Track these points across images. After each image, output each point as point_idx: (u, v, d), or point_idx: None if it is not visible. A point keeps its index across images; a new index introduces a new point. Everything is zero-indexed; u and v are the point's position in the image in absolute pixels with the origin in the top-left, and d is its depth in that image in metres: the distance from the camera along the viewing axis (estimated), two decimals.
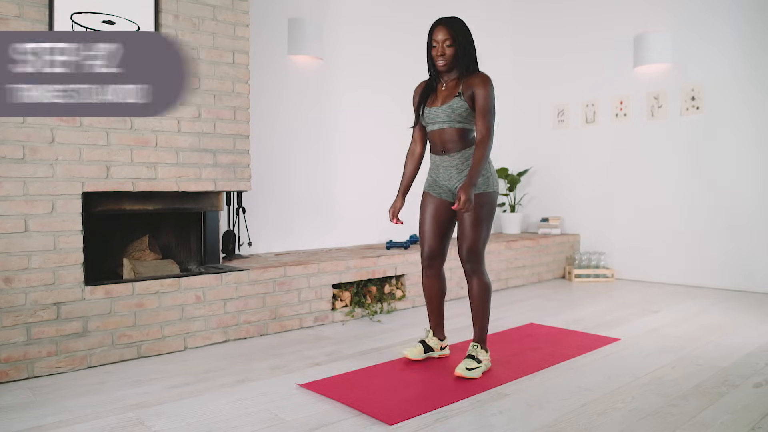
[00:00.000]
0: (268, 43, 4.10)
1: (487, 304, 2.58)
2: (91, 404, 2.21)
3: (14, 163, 2.55)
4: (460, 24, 2.52)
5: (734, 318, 3.57)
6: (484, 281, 2.57)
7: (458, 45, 2.49)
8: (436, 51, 2.51)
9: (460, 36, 2.50)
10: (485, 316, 2.58)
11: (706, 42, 4.62)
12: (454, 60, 2.52)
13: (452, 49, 2.49)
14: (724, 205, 4.56)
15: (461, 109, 2.51)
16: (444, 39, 2.49)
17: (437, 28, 2.51)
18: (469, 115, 2.53)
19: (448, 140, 2.57)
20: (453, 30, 2.49)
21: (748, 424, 1.99)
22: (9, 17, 2.54)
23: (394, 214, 2.76)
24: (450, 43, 2.48)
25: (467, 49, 2.52)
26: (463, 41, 2.50)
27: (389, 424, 2.00)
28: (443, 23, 2.50)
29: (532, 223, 5.87)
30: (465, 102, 2.50)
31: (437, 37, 2.50)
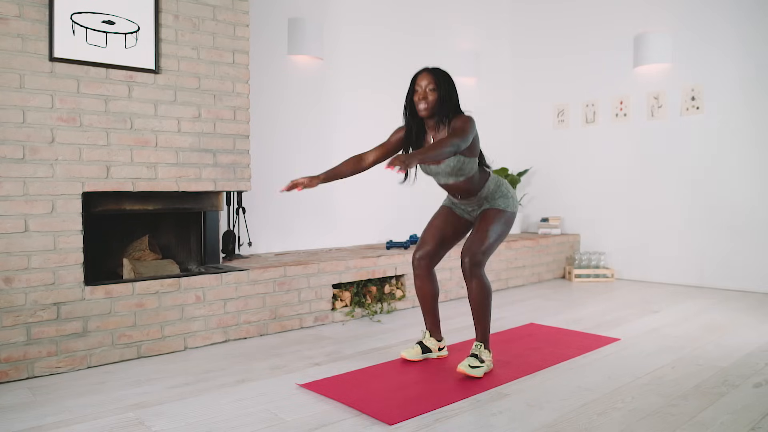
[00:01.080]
0: (268, 43, 4.10)
1: (487, 305, 2.57)
2: (91, 404, 2.21)
3: (14, 163, 2.55)
4: (444, 72, 2.52)
5: (734, 318, 3.57)
6: (483, 282, 2.56)
7: (441, 91, 2.47)
8: (418, 96, 2.48)
9: (443, 82, 2.48)
10: (487, 318, 2.57)
11: (706, 42, 4.62)
12: (437, 105, 2.47)
13: (435, 94, 2.46)
14: (724, 205, 4.56)
15: (459, 164, 2.49)
16: (427, 84, 2.47)
17: (421, 74, 2.50)
18: (468, 164, 2.50)
19: (458, 190, 2.63)
20: (436, 76, 2.48)
21: (748, 424, 1.99)
22: (9, 17, 2.54)
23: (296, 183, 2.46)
24: (433, 87, 2.46)
25: (450, 95, 2.49)
26: (446, 87, 2.48)
27: (389, 424, 2.00)
28: (427, 70, 2.50)
29: (532, 223, 5.87)
30: (459, 156, 2.48)
31: (421, 82, 2.48)
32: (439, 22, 5.28)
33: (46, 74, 2.64)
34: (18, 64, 2.56)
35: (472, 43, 5.54)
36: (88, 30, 2.76)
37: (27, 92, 2.59)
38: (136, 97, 2.91)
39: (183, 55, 3.07)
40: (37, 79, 2.61)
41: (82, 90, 2.74)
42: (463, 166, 2.50)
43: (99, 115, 2.79)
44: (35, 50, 2.61)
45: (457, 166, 2.50)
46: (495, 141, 5.86)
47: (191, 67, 3.10)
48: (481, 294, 2.54)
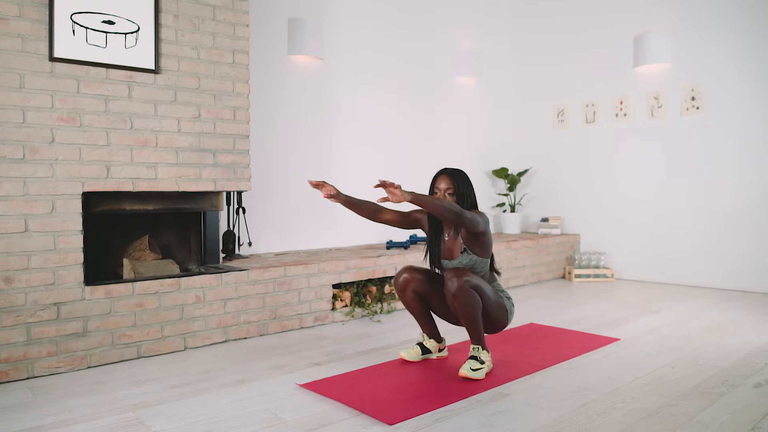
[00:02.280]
0: (268, 43, 4.10)
1: (477, 316, 2.48)
2: (91, 404, 2.21)
3: (14, 163, 2.55)
4: (462, 175, 2.61)
5: (734, 318, 3.57)
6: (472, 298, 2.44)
7: (459, 194, 2.56)
8: None
9: (461, 186, 2.58)
10: (479, 325, 2.51)
11: (706, 42, 4.62)
12: None
13: (453, 197, 2.56)
14: (724, 205, 4.56)
15: (471, 263, 2.57)
16: (446, 188, 2.57)
17: (441, 176, 2.60)
18: (480, 263, 2.58)
19: None
20: (454, 179, 2.58)
21: (748, 424, 1.99)
22: (9, 17, 2.54)
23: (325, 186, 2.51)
24: (452, 191, 2.56)
25: (467, 197, 2.58)
26: (463, 191, 2.57)
27: (389, 424, 2.00)
28: (447, 173, 2.59)
29: (532, 223, 5.87)
30: (472, 255, 2.57)
31: (440, 185, 2.59)
32: (439, 21, 5.28)
33: (46, 74, 2.64)
34: (18, 64, 2.56)
35: (472, 43, 5.54)
36: (88, 30, 2.76)
37: (27, 92, 2.59)
38: (136, 97, 2.91)
39: (183, 55, 3.07)
40: (37, 79, 2.61)
41: (82, 90, 2.74)
42: (474, 266, 2.58)
43: (99, 115, 2.79)
44: (35, 50, 2.61)
45: (469, 264, 2.57)
46: (495, 141, 5.86)
47: (191, 67, 3.10)
48: (469, 307, 2.45)
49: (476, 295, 2.46)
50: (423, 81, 5.17)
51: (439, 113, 5.30)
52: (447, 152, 5.32)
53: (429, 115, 5.20)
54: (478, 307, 2.47)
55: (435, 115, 5.26)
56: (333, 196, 2.54)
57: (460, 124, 5.51)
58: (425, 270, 2.70)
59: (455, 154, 5.40)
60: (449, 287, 2.43)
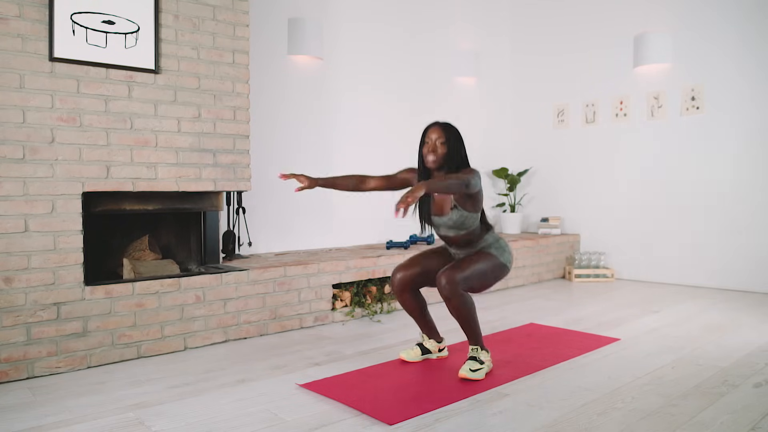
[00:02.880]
0: (268, 43, 4.10)
1: (473, 317, 2.49)
2: (91, 404, 2.21)
3: (14, 163, 2.55)
4: (454, 128, 2.58)
5: (734, 318, 3.57)
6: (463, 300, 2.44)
7: (450, 145, 2.53)
8: (428, 148, 2.54)
9: (453, 137, 2.54)
10: (475, 326, 2.51)
11: (706, 42, 4.62)
12: (445, 158, 2.53)
13: (444, 147, 2.53)
14: (724, 205, 4.56)
15: (461, 219, 2.54)
16: (437, 137, 2.53)
17: (432, 128, 2.56)
18: (469, 219, 2.55)
19: (456, 243, 2.63)
20: (446, 131, 2.55)
21: (748, 424, 1.99)
22: (9, 17, 2.54)
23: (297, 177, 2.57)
24: (443, 141, 2.53)
25: (458, 150, 2.55)
26: (455, 143, 2.54)
27: (389, 424, 2.00)
28: (438, 124, 2.56)
29: (532, 223, 5.87)
30: (462, 211, 2.53)
31: (431, 135, 2.55)
32: (439, 21, 5.28)
33: (46, 74, 2.64)
34: (18, 64, 2.56)
35: (472, 43, 5.54)
36: (88, 30, 2.76)
37: (27, 92, 2.59)
38: (136, 97, 2.91)
39: (183, 55, 3.07)
40: (37, 79, 2.61)
41: (82, 90, 2.74)
42: (465, 221, 2.55)
43: (99, 115, 2.79)
44: (35, 50, 2.61)
45: (460, 220, 2.55)
46: (495, 141, 5.86)
47: (191, 67, 3.10)
48: (462, 309, 2.45)
49: (468, 298, 2.46)
50: (423, 81, 5.17)
51: (439, 113, 5.30)
52: None
53: (429, 115, 5.20)
54: (471, 309, 2.48)
55: (435, 115, 5.26)
56: (305, 187, 2.58)
57: (460, 124, 5.50)
58: (416, 259, 2.69)
59: None
60: (441, 290, 2.43)
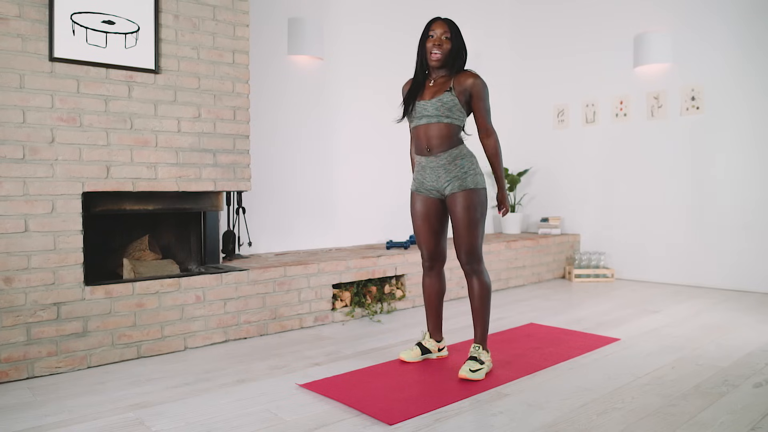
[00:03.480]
0: (268, 43, 4.10)
1: (487, 303, 2.57)
2: (91, 404, 2.21)
3: (14, 163, 2.55)
4: (457, 25, 2.57)
5: (734, 318, 3.57)
6: (484, 281, 2.56)
7: (454, 41, 2.52)
8: (432, 41, 2.51)
9: (457, 34, 2.53)
10: (486, 316, 2.57)
11: (706, 42, 4.62)
12: (449, 54, 2.52)
13: (449, 43, 2.51)
14: (724, 205, 4.56)
15: (451, 103, 2.49)
16: (443, 32, 2.51)
17: (436, 22, 2.53)
18: (458, 111, 2.51)
19: (434, 136, 2.51)
20: (451, 27, 2.53)
21: (748, 424, 1.99)
22: (9, 17, 2.54)
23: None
24: (448, 36, 2.51)
25: (461, 48, 2.55)
26: (458, 39, 2.53)
27: (389, 424, 2.00)
28: (442, 19, 2.53)
29: (532, 223, 5.87)
30: (455, 97, 2.49)
31: (436, 30, 2.52)
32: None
33: (46, 74, 2.64)
34: (18, 64, 2.56)
35: (472, 43, 5.54)
36: (88, 30, 2.76)
37: (27, 92, 2.59)
38: (136, 97, 2.91)
39: (183, 55, 3.07)
40: (37, 79, 2.61)
41: (82, 90, 2.74)
42: (453, 109, 2.50)
43: (99, 115, 2.79)
44: (35, 50, 2.61)
45: (449, 104, 2.49)
46: None
47: (191, 67, 3.10)
48: (482, 291, 2.55)
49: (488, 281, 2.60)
50: None
51: None
52: None
53: None
54: (488, 295, 2.58)
55: None
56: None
57: None
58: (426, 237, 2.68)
59: None
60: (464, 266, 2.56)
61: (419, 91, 2.59)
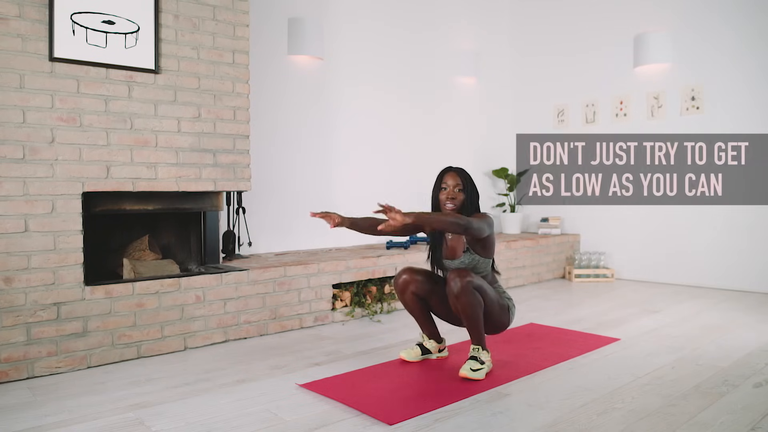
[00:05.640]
0: (268, 43, 4.10)
1: (478, 317, 2.48)
2: (91, 404, 2.21)
3: (14, 163, 2.55)
4: (468, 174, 2.65)
5: (734, 318, 3.57)
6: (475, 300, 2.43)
7: (467, 192, 2.59)
8: (446, 194, 2.59)
9: (469, 184, 2.61)
10: (479, 326, 2.50)
11: (706, 42, 4.62)
12: (463, 204, 2.59)
13: (462, 194, 2.59)
14: (724, 205, 4.56)
15: (473, 263, 2.59)
16: (455, 184, 2.59)
17: (449, 173, 2.62)
18: (482, 264, 2.60)
19: None
20: (463, 178, 2.61)
21: (748, 424, 1.99)
22: (9, 17, 2.54)
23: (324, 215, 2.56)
24: (461, 188, 2.59)
25: (473, 197, 2.62)
26: (470, 189, 2.60)
27: (389, 424, 2.00)
28: (454, 170, 2.61)
29: (532, 223, 5.87)
30: (474, 255, 2.58)
31: (448, 181, 2.60)
32: (439, 21, 5.27)
33: (46, 74, 2.64)
34: (18, 64, 2.56)
35: (472, 43, 5.54)
36: (88, 30, 2.76)
37: (27, 92, 2.59)
38: (136, 97, 2.91)
39: (183, 55, 3.07)
40: (37, 79, 2.61)
41: (82, 90, 2.74)
42: (477, 265, 2.59)
43: (99, 115, 2.79)
44: (35, 50, 2.61)
45: (471, 264, 2.58)
46: (495, 141, 5.86)
47: (191, 67, 3.10)
48: (471, 308, 2.44)
49: (478, 295, 2.46)
50: (423, 81, 5.16)
51: (439, 113, 5.30)
52: (447, 152, 5.32)
53: (429, 114, 5.20)
54: (480, 308, 2.47)
55: (435, 115, 5.26)
56: (338, 224, 2.59)
57: (460, 123, 5.51)
58: (425, 271, 2.70)
59: (455, 154, 5.39)
60: (452, 287, 2.43)
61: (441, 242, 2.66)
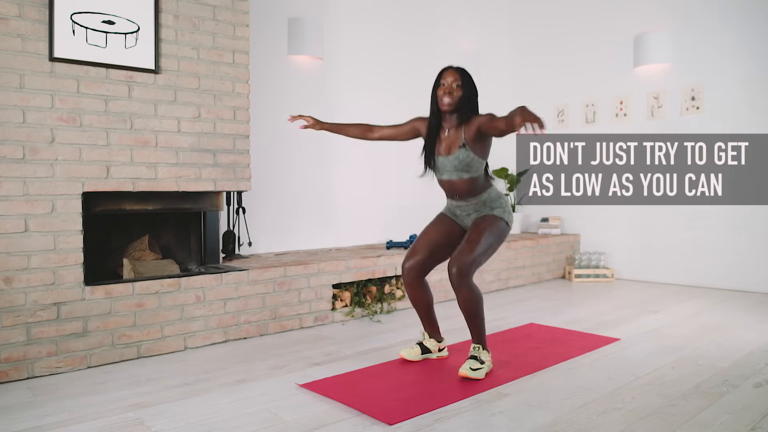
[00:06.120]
0: (268, 43, 4.10)
1: (479, 312, 2.51)
2: (91, 404, 2.21)
3: (14, 163, 2.55)
4: (468, 73, 2.59)
5: (734, 318, 3.57)
6: (472, 292, 2.47)
7: (465, 89, 2.54)
8: (443, 90, 2.54)
9: (468, 82, 2.56)
10: (480, 323, 2.53)
11: (706, 42, 4.62)
12: (460, 102, 2.54)
13: (460, 90, 2.54)
14: (724, 205, 4.56)
15: (467, 159, 2.53)
16: (453, 80, 2.54)
17: (448, 71, 2.57)
18: (477, 162, 2.55)
19: (459, 188, 2.60)
20: (462, 75, 2.56)
21: (748, 424, 1.99)
22: (9, 17, 2.54)
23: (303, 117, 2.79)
24: (459, 84, 2.54)
25: (472, 96, 2.57)
26: (469, 87, 2.56)
27: (389, 424, 2.00)
28: (453, 68, 2.57)
29: (532, 223, 5.87)
30: (469, 152, 2.53)
31: (447, 78, 2.55)
32: (439, 21, 5.27)
33: (46, 74, 2.64)
34: (18, 64, 2.56)
35: (472, 43, 5.54)
36: (88, 30, 2.76)
37: (27, 92, 2.59)
38: (136, 97, 2.91)
39: (183, 55, 3.07)
40: (37, 79, 2.61)
41: (82, 90, 2.74)
42: (471, 163, 2.53)
43: (99, 115, 2.79)
44: (35, 50, 2.61)
45: (466, 161, 2.52)
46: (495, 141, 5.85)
47: (191, 67, 3.10)
48: (471, 302, 2.47)
49: (477, 291, 2.47)
50: (423, 81, 5.14)
51: None
52: None
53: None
54: (479, 303, 2.49)
55: None
56: (310, 126, 2.69)
57: None
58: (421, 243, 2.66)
59: None
60: (452, 280, 2.44)
61: (435, 143, 2.63)
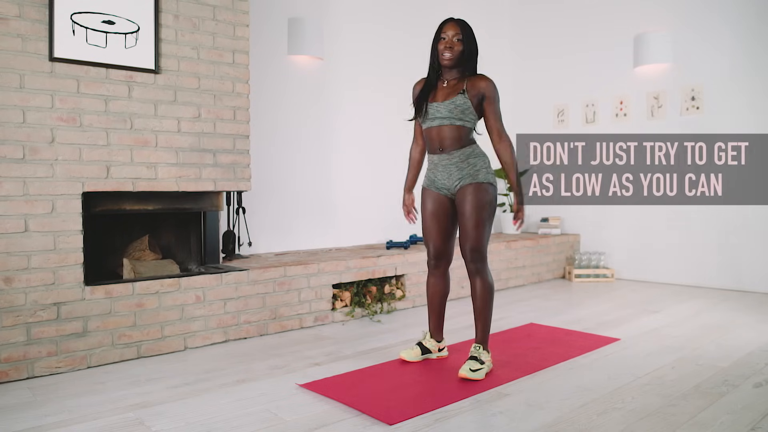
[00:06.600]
0: (268, 43, 4.10)
1: (489, 303, 2.58)
2: (91, 404, 2.21)
3: (14, 163, 2.55)
4: (469, 26, 2.58)
5: (734, 318, 3.57)
6: (487, 281, 2.57)
7: (466, 43, 2.53)
8: (444, 44, 2.53)
9: (469, 35, 2.55)
10: (488, 316, 2.57)
11: (706, 42, 4.62)
12: (460, 56, 2.53)
13: (461, 44, 2.52)
14: (724, 205, 4.56)
15: (464, 106, 2.51)
16: (454, 34, 2.53)
17: (448, 23, 2.56)
18: (470, 114, 2.54)
19: (447, 137, 2.55)
20: (463, 28, 2.54)
21: (748, 424, 1.99)
22: (9, 17, 2.54)
23: (408, 210, 2.86)
24: (460, 38, 2.52)
25: (473, 50, 2.56)
26: (470, 41, 2.55)
27: (389, 424, 2.00)
28: (454, 20, 2.55)
29: (532, 223, 5.87)
30: (468, 100, 2.51)
31: (448, 31, 2.54)
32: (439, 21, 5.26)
33: (46, 74, 2.64)
34: (18, 64, 2.56)
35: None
36: (88, 30, 2.76)
37: (27, 92, 2.59)
38: (136, 97, 2.91)
39: (183, 55, 3.07)
40: (37, 79, 2.61)
41: (82, 90, 2.74)
42: (465, 111, 2.52)
43: (99, 115, 2.79)
44: (35, 50, 2.61)
45: (462, 107, 2.51)
46: None
47: (191, 67, 3.10)
48: (485, 292, 2.56)
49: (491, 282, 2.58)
50: None
51: None
52: None
53: None
54: (491, 295, 2.57)
55: None
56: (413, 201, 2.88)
57: None
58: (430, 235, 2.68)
59: None
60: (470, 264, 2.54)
61: (431, 92, 2.61)
